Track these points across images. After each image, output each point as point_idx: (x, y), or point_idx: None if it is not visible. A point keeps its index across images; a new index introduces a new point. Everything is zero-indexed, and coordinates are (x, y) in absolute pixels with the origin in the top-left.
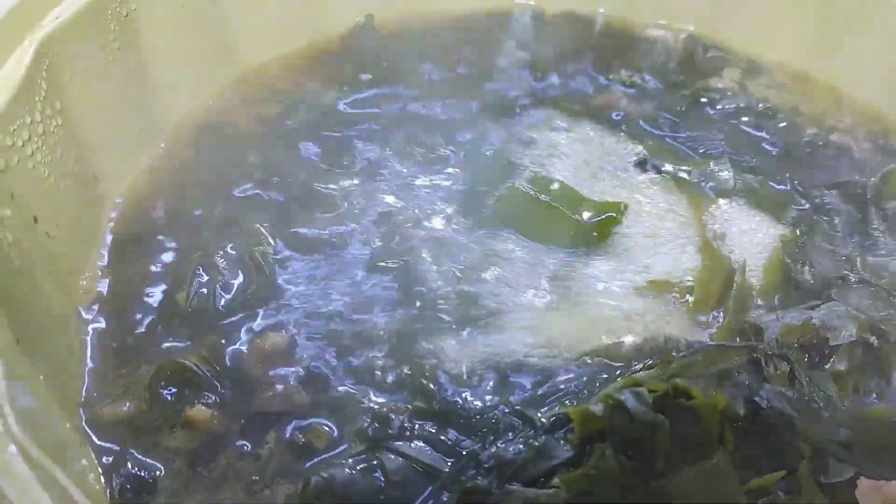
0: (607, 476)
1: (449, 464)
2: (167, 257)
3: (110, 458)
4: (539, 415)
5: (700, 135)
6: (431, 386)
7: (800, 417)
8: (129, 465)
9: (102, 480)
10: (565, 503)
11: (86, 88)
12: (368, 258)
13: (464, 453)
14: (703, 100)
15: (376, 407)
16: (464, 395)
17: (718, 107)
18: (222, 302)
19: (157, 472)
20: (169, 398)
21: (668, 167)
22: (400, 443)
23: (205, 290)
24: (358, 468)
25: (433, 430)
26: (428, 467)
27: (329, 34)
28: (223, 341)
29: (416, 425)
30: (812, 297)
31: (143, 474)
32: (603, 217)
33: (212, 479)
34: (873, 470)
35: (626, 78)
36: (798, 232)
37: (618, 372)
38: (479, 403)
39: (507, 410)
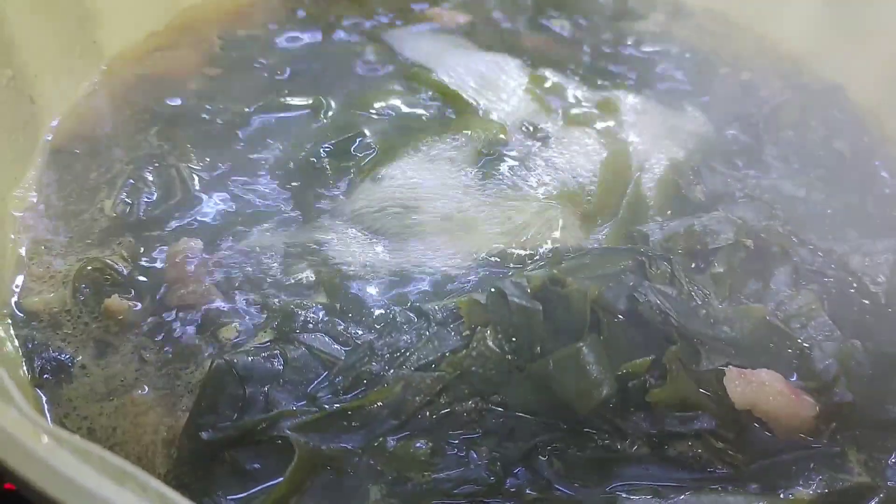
0: (488, 359)
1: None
2: (99, 172)
3: (33, 343)
4: (434, 308)
5: (618, 70)
6: (337, 286)
7: (677, 313)
8: (50, 350)
9: (24, 363)
10: (446, 384)
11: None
12: (284, 176)
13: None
14: (629, 41)
15: (283, 304)
16: (367, 293)
17: (641, 48)
18: (144, 210)
19: (75, 356)
20: (90, 291)
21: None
22: (303, 335)
23: (130, 200)
24: (261, 355)
25: (336, 325)
26: (327, 355)
27: None
28: (142, 246)
29: (320, 320)
30: (701, 211)
31: (62, 357)
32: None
33: (123, 355)
34: (743, 360)
35: (556, 21)
36: (695, 155)
37: (511, 272)
38: (380, 301)
39: (405, 307)
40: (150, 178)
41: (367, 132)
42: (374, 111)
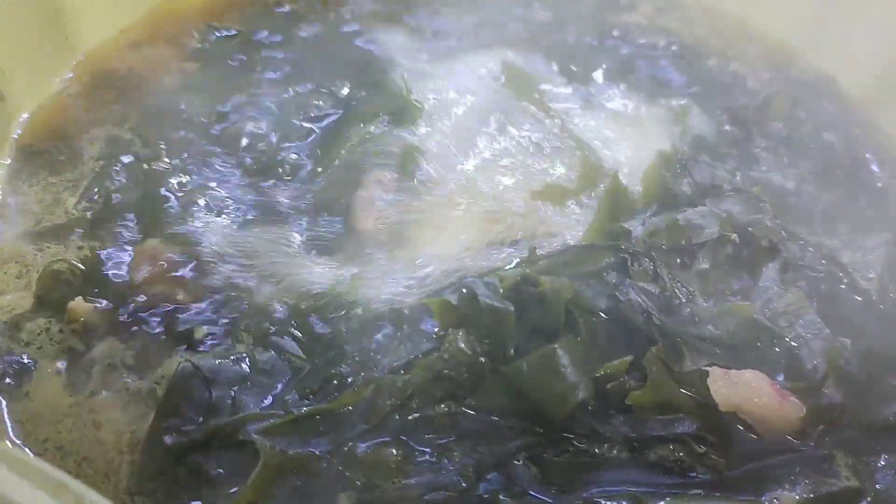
0: (460, 361)
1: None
2: (69, 169)
3: None
4: (407, 309)
5: (604, 62)
6: (308, 286)
7: (659, 312)
8: (14, 352)
9: None
10: (417, 387)
11: None
12: (257, 176)
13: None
14: (616, 33)
15: (252, 305)
16: (338, 294)
17: (627, 40)
18: (112, 209)
19: (36, 360)
20: (54, 293)
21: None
22: (273, 336)
23: (98, 198)
24: (229, 357)
25: (307, 326)
26: (296, 357)
27: None
28: (110, 246)
29: (291, 322)
30: (688, 205)
31: (24, 361)
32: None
33: (87, 358)
34: (727, 360)
35: (540, 13)
36: (683, 147)
37: (488, 271)
38: (351, 301)
39: (377, 307)
40: (120, 176)
41: (340, 131)
42: (350, 110)
